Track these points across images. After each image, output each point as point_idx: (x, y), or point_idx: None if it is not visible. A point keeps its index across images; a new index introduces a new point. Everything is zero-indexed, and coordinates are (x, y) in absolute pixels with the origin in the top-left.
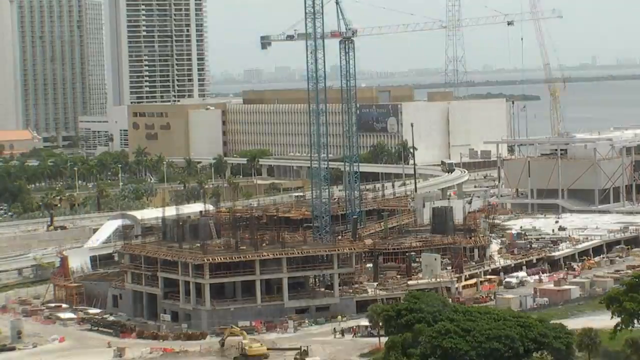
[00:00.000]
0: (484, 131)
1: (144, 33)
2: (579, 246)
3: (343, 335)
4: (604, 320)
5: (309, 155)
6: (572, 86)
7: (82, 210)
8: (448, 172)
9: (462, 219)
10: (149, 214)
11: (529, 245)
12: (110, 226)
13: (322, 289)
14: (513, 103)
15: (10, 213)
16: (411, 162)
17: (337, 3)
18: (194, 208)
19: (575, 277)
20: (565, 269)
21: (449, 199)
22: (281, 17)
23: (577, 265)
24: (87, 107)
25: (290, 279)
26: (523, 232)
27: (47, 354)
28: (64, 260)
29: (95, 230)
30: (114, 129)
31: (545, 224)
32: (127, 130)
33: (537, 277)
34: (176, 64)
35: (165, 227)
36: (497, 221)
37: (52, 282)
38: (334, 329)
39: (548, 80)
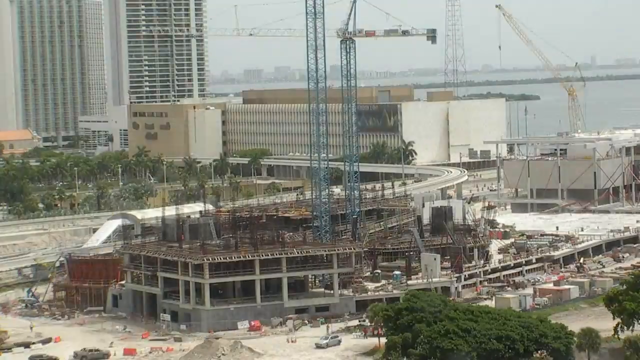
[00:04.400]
0: (483, 131)
1: (144, 33)
2: (579, 246)
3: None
4: (604, 321)
5: (309, 155)
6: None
7: (81, 210)
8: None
9: (462, 219)
10: (149, 213)
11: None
12: (110, 226)
13: (322, 289)
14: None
15: (9, 214)
16: (412, 162)
17: (353, 2)
18: (193, 208)
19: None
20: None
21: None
22: (282, 16)
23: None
24: (87, 107)
25: (290, 279)
26: (524, 235)
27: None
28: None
29: (95, 230)
30: (114, 129)
31: (544, 224)
32: (127, 130)
33: None
34: (176, 64)
35: (165, 227)
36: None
37: (52, 282)
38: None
39: (567, 79)
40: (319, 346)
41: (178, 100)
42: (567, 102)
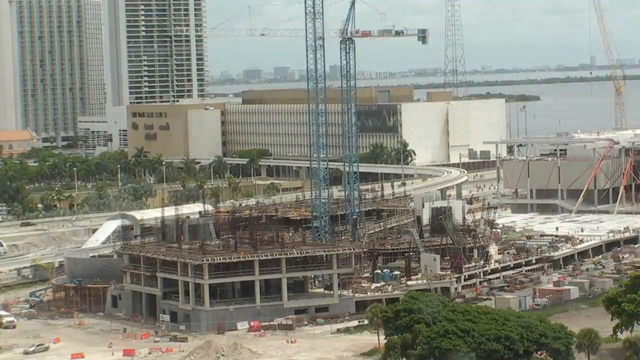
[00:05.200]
0: (483, 131)
1: (143, 33)
2: (579, 246)
3: None
4: (603, 321)
5: (309, 155)
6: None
7: (80, 210)
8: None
9: (462, 219)
10: (149, 214)
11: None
12: (109, 226)
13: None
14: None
15: (8, 213)
16: (411, 162)
17: (352, 3)
18: (193, 208)
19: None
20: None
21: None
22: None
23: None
24: (86, 107)
25: (290, 280)
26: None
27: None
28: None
29: (94, 231)
30: (113, 129)
31: (544, 225)
32: (126, 131)
33: None
34: (175, 64)
35: (165, 228)
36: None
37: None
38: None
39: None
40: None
41: (177, 101)
42: (568, 103)
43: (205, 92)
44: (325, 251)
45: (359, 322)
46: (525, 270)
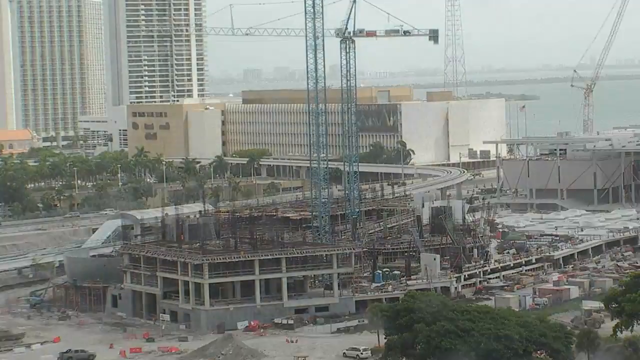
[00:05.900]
0: (483, 131)
1: (143, 33)
2: (579, 246)
3: None
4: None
5: (309, 155)
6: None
7: (80, 210)
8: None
9: (462, 219)
10: (149, 213)
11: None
12: (109, 226)
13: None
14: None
15: (8, 213)
16: (411, 162)
17: (353, 2)
18: (193, 208)
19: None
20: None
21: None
22: (279, 16)
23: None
24: (86, 107)
25: (289, 279)
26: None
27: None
28: None
29: (94, 231)
30: (113, 129)
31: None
32: (126, 130)
33: None
34: (175, 64)
35: (165, 227)
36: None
37: (51, 282)
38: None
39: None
40: None
41: (177, 100)
42: (566, 102)
43: (206, 91)
44: (325, 251)
45: (358, 321)
46: (525, 270)
